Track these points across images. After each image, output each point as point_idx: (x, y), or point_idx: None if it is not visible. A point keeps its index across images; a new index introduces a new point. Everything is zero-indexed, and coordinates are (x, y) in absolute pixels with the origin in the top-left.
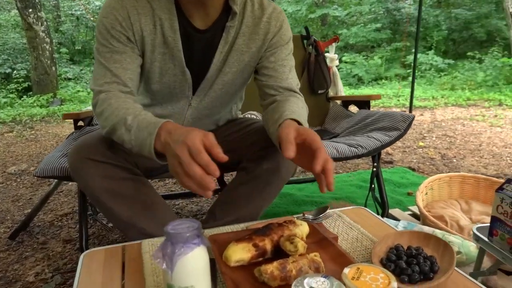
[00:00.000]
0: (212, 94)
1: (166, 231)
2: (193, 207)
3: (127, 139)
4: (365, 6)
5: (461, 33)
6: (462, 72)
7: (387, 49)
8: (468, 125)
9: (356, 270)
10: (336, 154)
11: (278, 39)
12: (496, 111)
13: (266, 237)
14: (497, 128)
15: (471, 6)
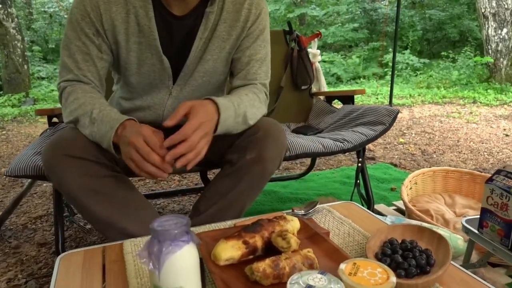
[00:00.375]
0: (193, 83)
1: (152, 228)
2: (175, 206)
3: (89, 131)
4: (342, 6)
5: (435, 33)
6: (437, 71)
7: (365, 49)
8: (445, 121)
9: (352, 266)
10: (322, 149)
11: (255, 27)
12: (471, 108)
13: (257, 234)
14: (472, 125)
15: (444, 7)
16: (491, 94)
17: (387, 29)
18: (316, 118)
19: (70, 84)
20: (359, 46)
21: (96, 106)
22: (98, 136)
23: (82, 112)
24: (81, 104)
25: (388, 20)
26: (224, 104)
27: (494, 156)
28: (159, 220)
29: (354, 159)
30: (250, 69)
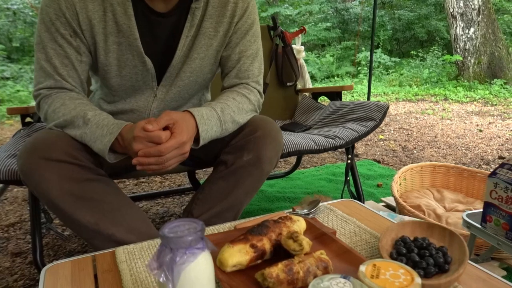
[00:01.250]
0: (179, 83)
1: (163, 235)
2: (158, 209)
3: (80, 132)
4: (315, 6)
5: (404, 33)
6: (408, 69)
7: (338, 48)
8: (421, 118)
9: (373, 268)
10: (314, 146)
11: (243, 23)
12: (444, 105)
13: (264, 236)
14: (447, 121)
15: (412, 8)
16: (460, 91)
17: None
18: (302, 115)
19: (52, 91)
20: (332, 45)
21: (91, 108)
22: (91, 137)
23: (74, 114)
24: (71, 109)
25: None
26: (204, 115)
27: (472, 151)
28: (169, 225)
29: (338, 157)
30: (241, 67)
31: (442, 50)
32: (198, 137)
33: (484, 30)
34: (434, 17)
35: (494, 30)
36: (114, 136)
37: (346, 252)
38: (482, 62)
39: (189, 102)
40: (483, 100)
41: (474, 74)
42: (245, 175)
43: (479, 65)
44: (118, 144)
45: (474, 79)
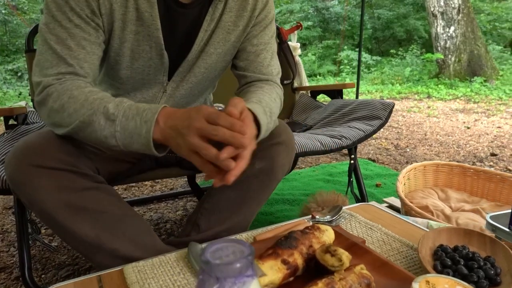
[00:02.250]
0: (192, 79)
1: (207, 262)
2: (152, 215)
3: (108, 132)
4: (295, 5)
5: (383, 32)
6: (389, 67)
7: (319, 47)
8: (408, 116)
9: (426, 285)
10: (320, 146)
11: (263, 16)
12: (428, 103)
13: (294, 250)
14: (434, 118)
15: (391, 7)
16: (442, 89)
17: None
18: (301, 114)
19: (59, 80)
20: (313, 44)
21: (108, 99)
22: (124, 135)
23: (91, 112)
24: (83, 102)
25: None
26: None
27: (463, 148)
28: (210, 249)
29: (332, 156)
30: (262, 62)
31: (421, 49)
32: None
33: (463, 28)
34: (412, 16)
35: (473, 29)
36: (152, 124)
37: (384, 265)
38: (462, 60)
39: (198, 100)
40: (465, 97)
41: (455, 72)
42: (257, 185)
43: (459, 63)
44: (158, 133)
45: (455, 77)
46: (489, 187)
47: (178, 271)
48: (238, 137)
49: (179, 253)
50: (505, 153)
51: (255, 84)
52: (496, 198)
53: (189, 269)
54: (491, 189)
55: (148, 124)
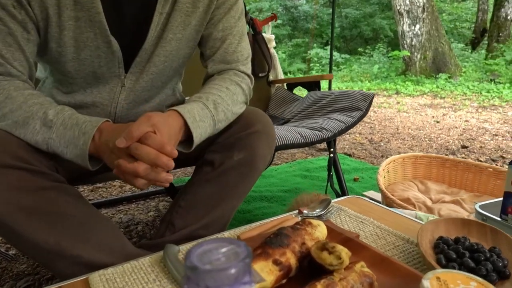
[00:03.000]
0: (152, 70)
1: (192, 267)
2: (122, 217)
3: (41, 138)
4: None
5: (351, 31)
6: (358, 65)
7: (289, 45)
8: (379, 112)
9: (437, 282)
10: (300, 139)
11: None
12: (397, 99)
13: (286, 248)
14: (404, 114)
15: (358, 6)
16: (410, 85)
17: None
18: (277, 107)
19: None
20: (283, 42)
21: (48, 104)
22: (60, 142)
23: (28, 114)
24: (21, 104)
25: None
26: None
27: (435, 142)
28: (197, 251)
29: (308, 152)
30: (228, 48)
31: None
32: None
33: (428, 26)
34: (378, 15)
35: (437, 27)
36: (90, 136)
37: (384, 261)
38: (428, 58)
39: (162, 92)
40: (432, 93)
41: (421, 69)
42: (237, 177)
43: (424, 60)
44: (93, 147)
45: (421, 74)
46: (467, 178)
47: (153, 277)
48: (163, 159)
49: (154, 257)
50: (475, 145)
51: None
52: (474, 189)
53: (166, 275)
54: (469, 180)
55: (86, 136)
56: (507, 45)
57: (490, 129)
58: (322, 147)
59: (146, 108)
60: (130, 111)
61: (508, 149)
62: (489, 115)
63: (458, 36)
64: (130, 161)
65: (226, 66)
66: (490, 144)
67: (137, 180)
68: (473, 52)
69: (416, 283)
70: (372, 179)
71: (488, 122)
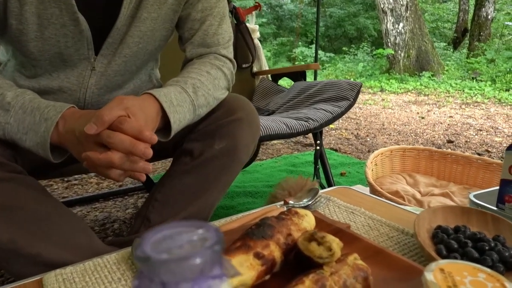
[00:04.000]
0: (125, 52)
1: (143, 257)
2: (97, 215)
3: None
4: (249, 1)
5: (335, 30)
6: (343, 63)
7: (274, 44)
8: (364, 108)
9: (441, 274)
10: (286, 129)
11: None
12: (382, 96)
13: (270, 240)
14: (389, 110)
15: (342, 6)
16: (394, 83)
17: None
18: (262, 99)
19: None
20: (268, 40)
21: (7, 88)
22: (18, 128)
23: None
24: None
25: (294, 17)
26: (174, 100)
27: (421, 137)
28: (154, 237)
29: (294, 147)
30: (208, 30)
31: (371, 46)
32: (167, 127)
33: (412, 25)
34: (362, 15)
35: (420, 26)
36: (53, 123)
37: (379, 253)
38: (411, 56)
39: (137, 77)
40: (415, 90)
41: (404, 67)
42: (218, 168)
43: (408, 59)
44: (56, 135)
45: (405, 72)
46: (456, 170)
47: (118, 276)
48: (140, 146)
49: (121, 254)
50: (460, 140)
51: (195, 62)
52: (463, 181)
53: (133, 273)
54: (458, 172)
55: (48, 123)
56: (488, 44)
57: (474, 125)
58: (308, 142)
59: (119, 94)
60: (102, 97)
61: (493, 143)
62: (473, 111)
63: (440, 36)
64: (101, 151)
65: (206, 49)
66: (475, 139)
67: (111, 171)
68: (455, 51)
69: (416, 276)
70: (359, 174)
71: (472, 118)
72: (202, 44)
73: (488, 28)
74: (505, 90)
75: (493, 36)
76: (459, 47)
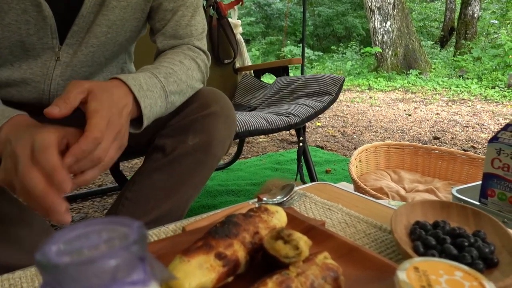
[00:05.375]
0: (93, 42)
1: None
2: (74, 216)
3: None
4: None
5: (324, 29)
6: (331, 62)
7: (263, 42)
8: (352, 106)
9: (415, 273)
10: (266, 125)
11: None
12: (370, 94)
13: (234, 239)
14: (376, 108)
15: (330, 5)
16: (382, 81)
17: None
18: (244, 95)
19: None
20: (257, 39)
21: None
22: None
23: None
24: None
25: (282, 16)
26: (144, 84)
27: (407, 134)
28: (64, 236)
29: (279, 145)
30: (180, 21)
31: (359, 45)
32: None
33: (399, 23)
34: (350, 14)
35: (407, 24)
36: None
37: (353, 251)
38: (399, 54)
39: (107, 69)
40: (403, 88)
41: (392, 65)
42: (192, 165)
43: (396, 57)
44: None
45: (392, 70)
46: (441, 166)
47: None
48: (46, 197)
49: None
50: (446, 136)
51: (166, 53)
52: (448, 177)
53: None
54: (443, 168)
55: None
56: (474, 42)
57: (460, 121)
58: (294, 140)
59: None
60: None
61: (479, 139)
62: (459, 108)
63: (427, 35)
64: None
65: (178, 41)
66: (461, 135)
67: None
68: (442, 50)
69: (390, 275)
70: (345, 171)
71: (458, 115)
72: (174, 35)
73: (474, 27)
74: (491, 88)
75: (479, 35)
76: (446, 45)
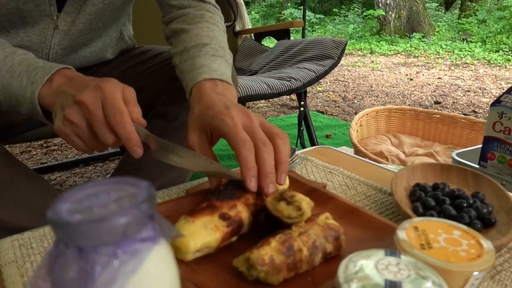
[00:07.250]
0: (90, 9)
1: (55, 220)
2: (77, 180)
3: None
4: None
5: None
6: (333, 25)
7: (263, 5)
8: (353, 70)
9: (415, 232)
10: (267, 89)
11: None
12: (371, 58)
13: (237, 201)
14: (378, 72)
15: None
16: (384, 45)
17: None
18: (245, 59)
19: None
20: (256, 2)
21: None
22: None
23: None
24: None
25: None
26: (224, 72)
27: (408, 98)
28: (74, 196)
29: (280, 110)
30: None
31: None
32: None
33: None
34: None
35: None
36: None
37: (353, 212)
38: (402, 17)
39: (105, 34)
40: (405, 52)
41: (395, 28)
42: None
43: (399, 20)
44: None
45: (395, 33)
46: (442, 130)
47: None
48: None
49: None
50: (447, 101)
51: (188, 14)
52: (448, 141)
53: None
54: (443, 132)
55: (34, 87)
56: (480, 4)
57: (462, 86)
58: (294, 105)
59: (86, 53)
60: (66, 58)
61: (480, 104)
62: (461, 72)
63: None
64: None
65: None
66: (463, 100)
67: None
68: (447, 12)
69: (390, 235)
70: (345, 136)
71: (461, 79)
72: None
73: None
74: (495, 51)
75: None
76: (451, 7)
